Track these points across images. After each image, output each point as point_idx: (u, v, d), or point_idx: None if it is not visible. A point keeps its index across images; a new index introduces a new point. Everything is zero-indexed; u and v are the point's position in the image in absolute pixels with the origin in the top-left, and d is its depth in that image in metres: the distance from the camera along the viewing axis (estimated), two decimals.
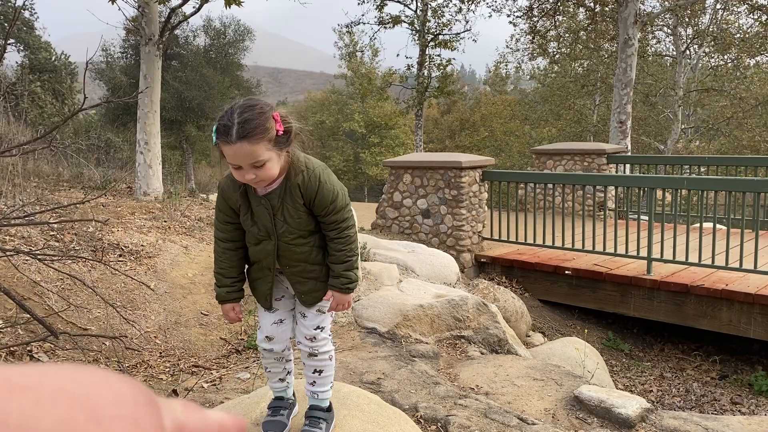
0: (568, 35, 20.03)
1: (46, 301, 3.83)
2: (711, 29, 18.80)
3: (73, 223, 4.91)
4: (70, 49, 19.12)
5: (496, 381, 3.56)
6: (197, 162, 23.68)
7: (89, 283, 4.02)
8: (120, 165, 10.81)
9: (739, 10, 17.97)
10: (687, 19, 19.07)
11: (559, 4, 15.51)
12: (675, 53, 20.16)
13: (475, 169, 7.09)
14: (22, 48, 16.36)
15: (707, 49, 20.19)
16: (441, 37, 18.23)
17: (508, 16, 17.17)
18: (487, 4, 31.19)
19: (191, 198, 7.26)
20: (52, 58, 16.85)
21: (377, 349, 3.91)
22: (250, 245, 2.07)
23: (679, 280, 5.69)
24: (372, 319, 4.30)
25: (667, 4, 14.48)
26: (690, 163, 8.74)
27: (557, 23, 17.68)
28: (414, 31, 18.27)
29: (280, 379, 2.22)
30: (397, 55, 18.89)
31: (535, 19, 16.32)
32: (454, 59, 18.87)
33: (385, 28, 18.62)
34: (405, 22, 18.25)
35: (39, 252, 4.05)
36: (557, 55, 21.37)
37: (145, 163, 6.82)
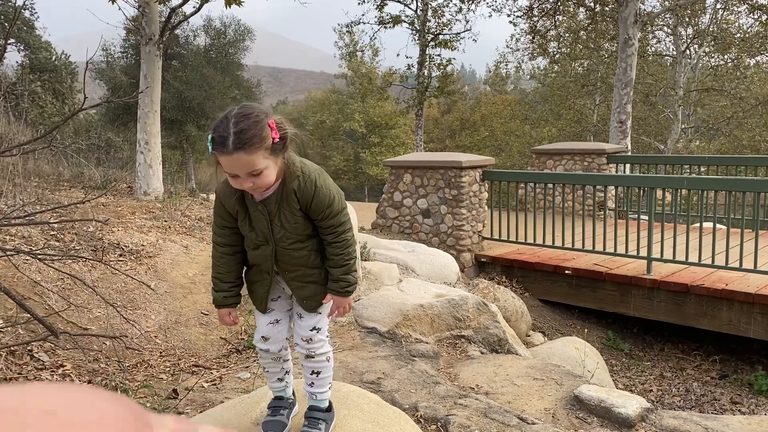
0: (568, 35, 20.03)
1: (47, 301, 3.83)
2: (711, 29, 18.79)
3: (73, 223, 4.91)
4: (71, 48, 19.11)
5: (496, 381, 3.56)
6: (197, 162, 23.66)
7: (89, 282, 4.03)
8: (120, 165, 10.81)
9: (739, 9, 17.99)
10: (687, 19, 19.07)
11: (559, 4, 15.51)
12: (675, 53, 20.16)
13: (475, 168, 7.09)
14: (22, 48, 16.35)
15: (707, 49, 20.19)
16: (441, 36, 18.25)
17: (508, 15, 17.19)
18: (487, 3, 31.23)
19: (191, 198, 7.26)
20: (53, 58, 16.83)
21: (377, 349, 3.91)
22: (248, 249, 2.07)
23: (679, 280, 5.69)
24: (372, 318, 4.31)
25: (667, 3, 14.47)
26: (690, 162, 8.74)
27: (557, 23, 17.67)
28: (414, 31, 18.28)
29: (279, 378, 2.22)
30: (398, 54, 18.90)
31: (535, 18, 16.32)
32: (454, 59, 18.91)
33: (385, 27, 18.62)
34: (405, 22, 18.27)
35: (39, 252, 4.05)
36: (557, 55, 21.36)
37: (146, 163, 6.82)
